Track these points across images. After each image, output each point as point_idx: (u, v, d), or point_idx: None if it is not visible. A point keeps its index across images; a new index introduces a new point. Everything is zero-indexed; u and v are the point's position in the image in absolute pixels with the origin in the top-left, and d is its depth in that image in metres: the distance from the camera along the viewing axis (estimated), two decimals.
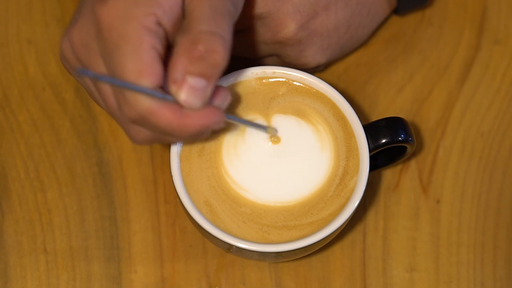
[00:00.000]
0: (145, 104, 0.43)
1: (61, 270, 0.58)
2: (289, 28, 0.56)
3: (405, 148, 0.55)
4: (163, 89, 0.45)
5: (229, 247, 0.51)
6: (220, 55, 0.44)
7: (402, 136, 0.54)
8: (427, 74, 0.65)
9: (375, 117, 0.63)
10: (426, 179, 0.61)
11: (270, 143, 0.53)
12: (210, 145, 0.53)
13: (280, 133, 0.53)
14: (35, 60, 0.64)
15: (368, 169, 0.52)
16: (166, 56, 0.45)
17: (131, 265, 0.58)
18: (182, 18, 0.46)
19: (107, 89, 0.46)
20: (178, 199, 0.53)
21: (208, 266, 0.58)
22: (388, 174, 0.61)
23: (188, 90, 0.44)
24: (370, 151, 0.53)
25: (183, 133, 0.45)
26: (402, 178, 0.61)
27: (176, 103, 0.44)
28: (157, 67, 0.44)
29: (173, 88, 0.44)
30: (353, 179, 0.52)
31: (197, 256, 0.58)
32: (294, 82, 0.55)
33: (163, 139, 0.48)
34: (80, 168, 0.60)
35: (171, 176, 0.51)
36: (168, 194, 0.60)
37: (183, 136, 0.45)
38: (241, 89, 0.55)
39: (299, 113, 0.54)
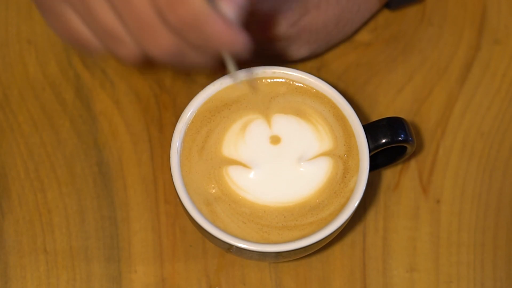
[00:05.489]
0: (202, 6, 0.41)
1: (61, 270, 0.58)
2: (281, 25, 0.56)
3: (405, 148, 0.55)
4: None
5: (229, 247, 0.51)
6: None
7: (402, 136, 0.54)
8: (427, 74, 0.65)
9: (375, 117, 0.63)
10: (426, 179, 0.61)
11: (270, 143, 0.53)
12: (210, 145, 0.53)
13: (280, 133, 0.53)
14: (35, 60, 0.64)
15: (368, 169, 0.52)
16: None
17: (131, 265, 0.58)
18: None
19: None
20: (178, 199, 0.53)
21: (208, 266, 0.58)
22: (388, 174, 0.61)
23: (232, 3, 0.43)
24: (370, 151, 0.53)
25: (223, 44, 0.43)
26: (402, 178, 0.61)
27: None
28: None
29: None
30: (353, 179, 0.52)
31: (197, 256, 0.58)
32: (294, 82, 0.55)
33: (187, 54, 0.45)
34: (80, 168, 0.60)
35: (171, 176, 0.51)
36: (168, 194, 0.60)
37: (218, 47, 0.43)
38: (241, 89, 0.55)
39: (299, 113, 0.54)
